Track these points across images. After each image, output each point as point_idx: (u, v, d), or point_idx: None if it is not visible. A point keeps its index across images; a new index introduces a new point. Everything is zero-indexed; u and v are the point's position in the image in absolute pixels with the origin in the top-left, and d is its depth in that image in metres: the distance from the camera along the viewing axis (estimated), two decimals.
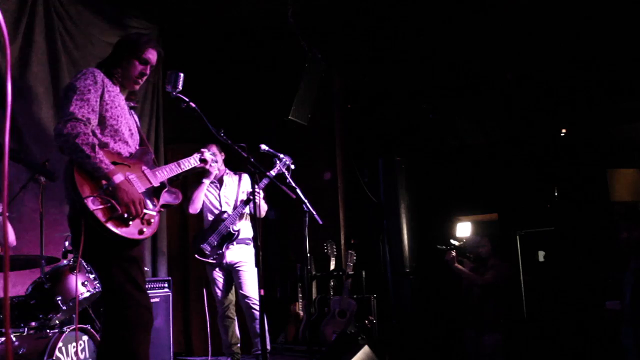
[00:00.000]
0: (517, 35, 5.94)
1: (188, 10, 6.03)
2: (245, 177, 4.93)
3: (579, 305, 5.39)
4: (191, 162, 3.12)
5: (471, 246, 5.58)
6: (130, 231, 2.62)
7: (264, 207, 4.80)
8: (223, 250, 4.76)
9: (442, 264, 5.47)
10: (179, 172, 3.04)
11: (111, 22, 5.66)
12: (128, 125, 2.85)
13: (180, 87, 3.00)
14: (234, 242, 4.78)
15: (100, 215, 2.52)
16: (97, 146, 2.59)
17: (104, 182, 2.59)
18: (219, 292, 4.87)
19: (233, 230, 4.76)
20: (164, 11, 6.03)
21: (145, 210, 2.70)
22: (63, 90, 2.75)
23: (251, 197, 4.60)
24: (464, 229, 5.82)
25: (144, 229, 2.69)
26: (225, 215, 4.80)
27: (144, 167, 2.85)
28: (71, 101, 2.63)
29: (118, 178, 2.60)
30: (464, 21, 5.94)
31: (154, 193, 2.85)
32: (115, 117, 2.76)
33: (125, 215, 2.59)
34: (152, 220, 2.76)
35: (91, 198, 2.53)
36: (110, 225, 2.54)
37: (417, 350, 6.04)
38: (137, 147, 2.91)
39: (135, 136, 2.91)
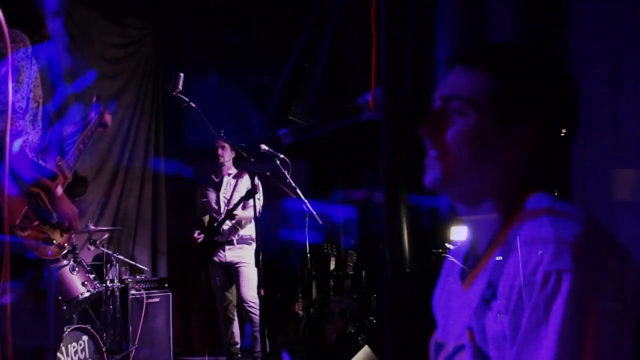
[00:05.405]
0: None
1: (187, 10, 6.03)
2: (245, 178, 4.91)
3: None
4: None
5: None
6: None
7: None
8: (219, 250, 4.75)
9: (441, 265, 5.45)
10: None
11: (111, 22, 5.66)
12: None
13: (180, 87, 3.02)
14: (234, 242, 4.77)
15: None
16: None
17: None
18: (218, 292, 4.86)
19: (222, 230, 4.74)
20: (164, 11, 6.04)
21: None
22: None
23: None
24: (459, 233, 5.78)
25: None
26: (219, 218, 4.78)
27: None
28: None
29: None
30: None
31: None
32: None
33: None
34: None
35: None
36: None
37: (416, 350, 6.03)
38: None
39: None
